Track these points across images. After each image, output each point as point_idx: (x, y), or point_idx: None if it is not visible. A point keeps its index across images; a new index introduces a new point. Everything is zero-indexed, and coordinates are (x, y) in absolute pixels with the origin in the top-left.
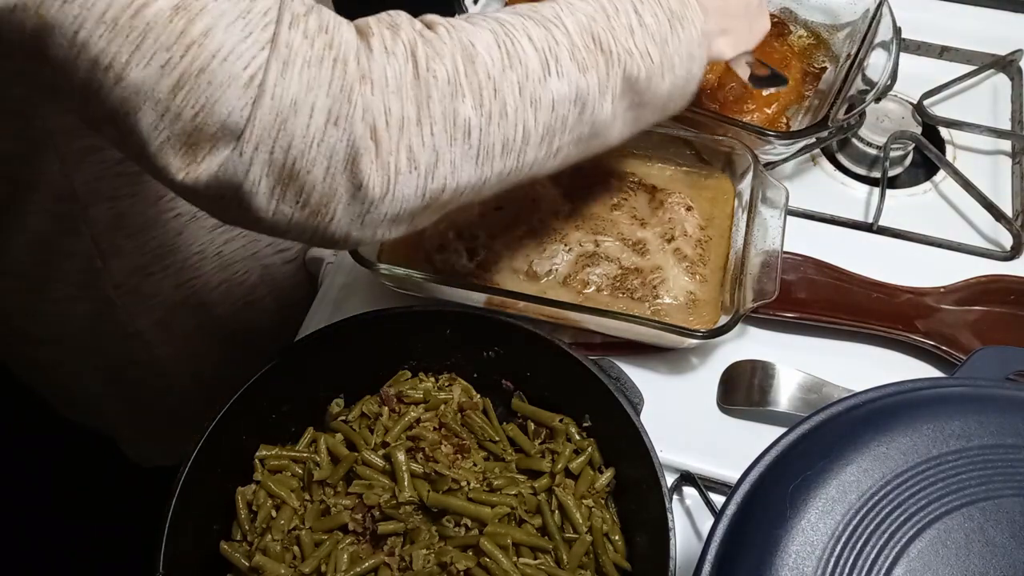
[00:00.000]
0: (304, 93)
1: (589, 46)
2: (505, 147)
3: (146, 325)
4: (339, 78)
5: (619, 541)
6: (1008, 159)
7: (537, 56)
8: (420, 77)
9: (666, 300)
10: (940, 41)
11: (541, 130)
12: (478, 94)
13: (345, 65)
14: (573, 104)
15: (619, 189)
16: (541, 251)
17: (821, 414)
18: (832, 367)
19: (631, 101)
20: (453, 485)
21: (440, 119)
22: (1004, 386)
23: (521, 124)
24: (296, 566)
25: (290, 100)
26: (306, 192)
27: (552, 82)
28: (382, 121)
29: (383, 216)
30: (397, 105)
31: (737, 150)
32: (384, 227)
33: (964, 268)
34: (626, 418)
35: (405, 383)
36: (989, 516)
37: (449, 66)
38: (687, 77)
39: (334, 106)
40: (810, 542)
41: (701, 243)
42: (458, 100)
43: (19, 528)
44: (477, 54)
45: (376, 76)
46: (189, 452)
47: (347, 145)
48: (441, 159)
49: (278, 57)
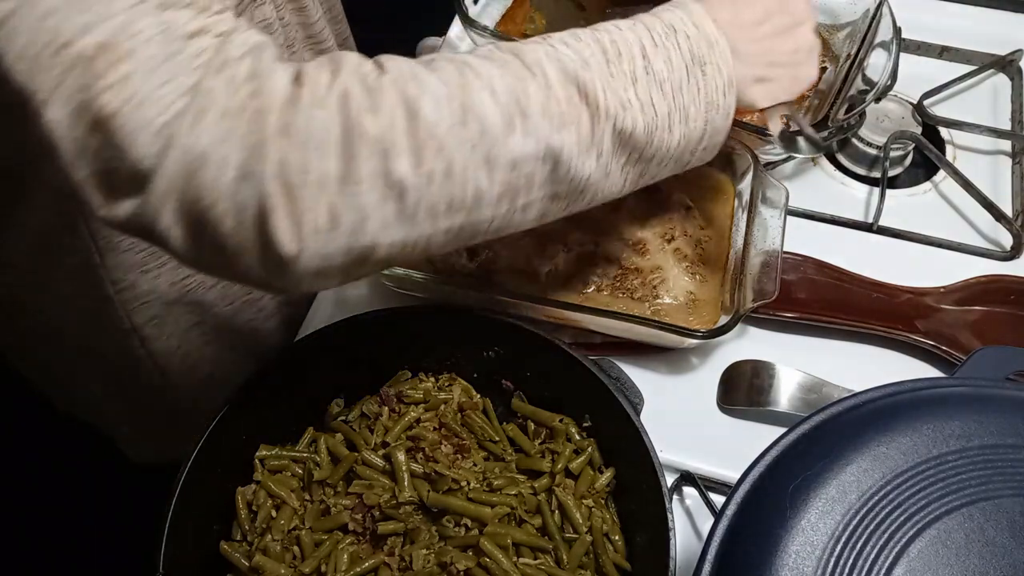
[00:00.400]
0: (216, 145)
1: (572, 99)
2: (452, 206)
3: (143, 322)
4: (256, 131)
5: (619, 541)
6: (1008, 159)
7: (499, 111)
8: (349, 132)
9: (666, 300)
10: (940, 41)
11: (499, 189)
12: (417, 152)
13: (266, 117)
14: (541, 162)
15: None
16: (541, 251)
17: (821, 414)
18: (832, 367)
19: (629, 156)
20: (453, 485)
21: (368, 178)
22: (1004, 386)
23: (472, 184)
24: (296, 566)
25: (200, 151)
26: (219, 243)
27: (514, 141)
28: (299, 178)
29: (304, 271)
30: (318, 161)
31: (737, 150)
32: (309, 280)
33: (964, 268)
34: (626, 418)
35: (405, 383)
36: (989, 516)
37: (384, 122)
38: (706, 130)
39: (247, 160)
40: (810, 542)
41: (701, 243)
42: (392, 159)
43: (19, 528)
44: (420, 109)
45: (298, 130)
46: (189, 452)
47: (257, 201)
48: (370, 217)
49: (195, 105)
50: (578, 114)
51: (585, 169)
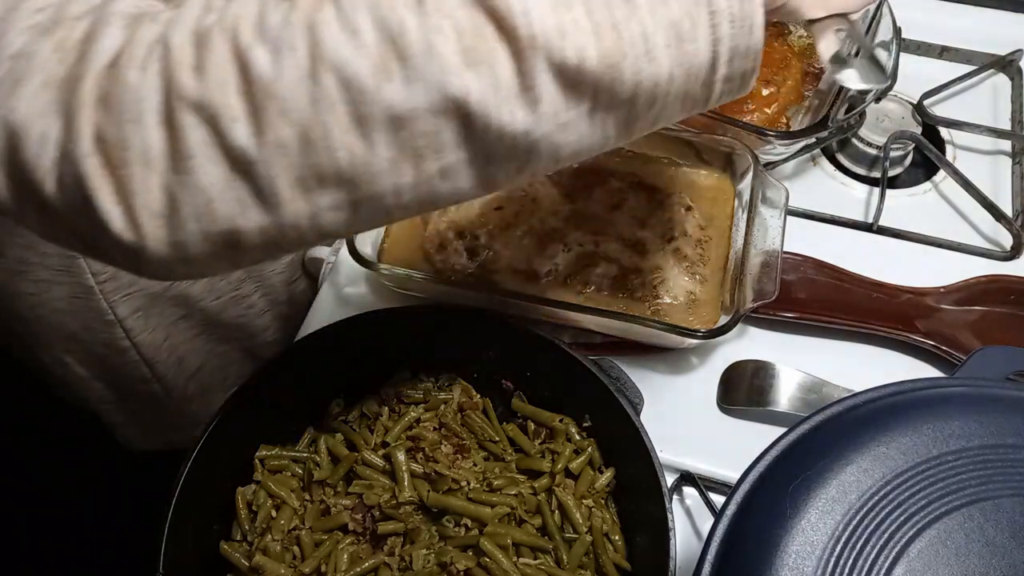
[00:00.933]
0: (34, 119)
1: (478, 28)
2: (324, 179)
3: (126, 313)
4: (70, 102)
5: (619, 541)
6: (1008, 159)
7: (363, 56)
8: (168, 96)
9: (666, 300)
10: (940, 41)
11: (387, 153)
12: (256, 117)
13: (81, 85)
14: (444, 116)
15: (619, 189)
16: (541, 251)
17: (821, 414)
18: (832, 367)
19: (595, 99)
20: (453, 485)
21: (200, 151)
22: (1004, 386)
23: (343, 151)
24: (296, 566)
25: (17, 125)
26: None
27: (391, 92)
28: (119, 155)
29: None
30: (137, 134)
31: (737, 150)
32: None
33: (964, 268)
34: (626, 418)
35: (405, 383)
36: (989, 516)
37: (211, 81)
38: (716, 52)
39: (64, 134)
40: (810, 542)
41: (701, 243)
42: (223, 126)
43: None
44: (252, 62)
45: (114, 98)
46: (189, 452)
47: (78, 184)
48: (216, 199)
49: (14, 72)
50: (489, 49)
51: (517, 121)
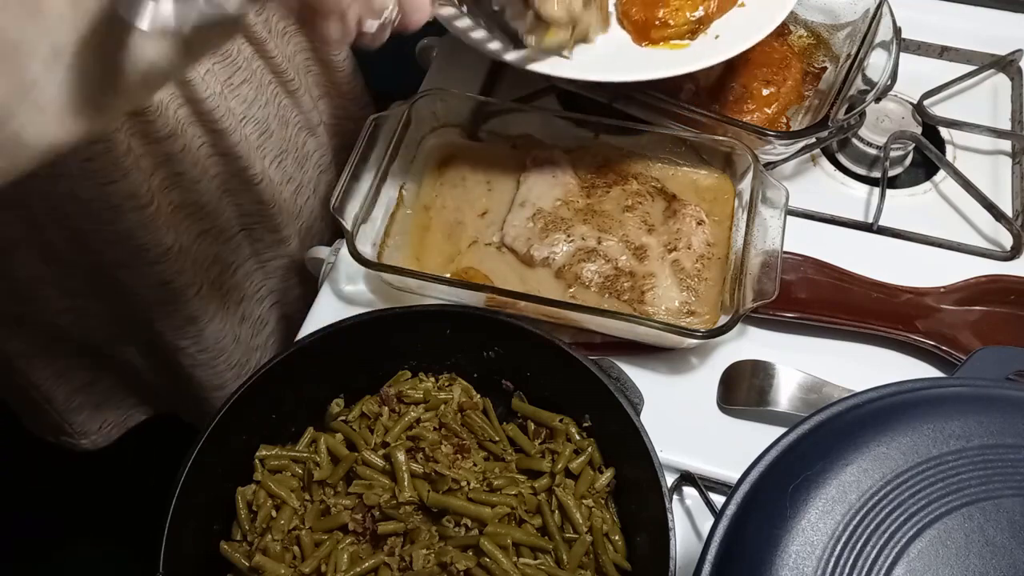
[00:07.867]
0: None
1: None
2: None
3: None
4: None
5: (619, 541)
6: (1008, 159)
7: None
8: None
9: (649, 309)
10: (940, 41)
11: None
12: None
13: None
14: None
15: (637, 192)
16: (543, 236)
17: (821, 414)
18: (832, 367)
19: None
20: (453, 485)
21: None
22: (1004, 386)
23: None
24: (296, 566)
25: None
26: None
27: None
28: None
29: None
30: None
31: (737, 150)
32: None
33: (964, 268)
34: (626, 418)
35: (405, 383)
36: (989, 516)
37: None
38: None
39: None
40: (810, 542)
41: (703, 259)
42: None
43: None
44: None
45: None
46: (189, 452)
47: None
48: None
49: None
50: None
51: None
